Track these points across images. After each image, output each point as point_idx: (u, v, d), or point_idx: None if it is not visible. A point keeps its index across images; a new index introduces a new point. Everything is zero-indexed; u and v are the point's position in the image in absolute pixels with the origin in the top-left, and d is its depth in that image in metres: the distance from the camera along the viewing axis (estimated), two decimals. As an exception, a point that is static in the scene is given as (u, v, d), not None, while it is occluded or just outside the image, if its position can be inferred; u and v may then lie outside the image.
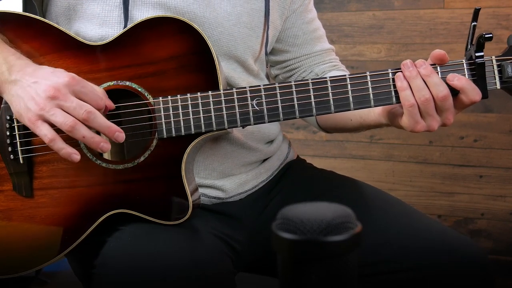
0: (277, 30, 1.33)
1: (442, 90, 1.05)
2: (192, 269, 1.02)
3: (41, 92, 1.01)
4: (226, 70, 1.21)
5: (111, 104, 1.07)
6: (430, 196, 2.41)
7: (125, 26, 1.15)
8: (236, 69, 1.25)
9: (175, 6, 1.17)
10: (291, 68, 1.40)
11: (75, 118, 1.01)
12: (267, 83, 1.35)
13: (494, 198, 2.32)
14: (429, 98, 1.05)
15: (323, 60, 1.40)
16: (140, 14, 1.16)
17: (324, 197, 1.26)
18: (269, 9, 1.26)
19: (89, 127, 1.03)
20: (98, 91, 1.05)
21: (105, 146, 1.03)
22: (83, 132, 1.02)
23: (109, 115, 1.14)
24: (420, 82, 1.06)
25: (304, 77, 1.39)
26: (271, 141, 1.35)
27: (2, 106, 1.11)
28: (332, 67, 1.40)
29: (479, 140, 2.31)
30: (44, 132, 1.02)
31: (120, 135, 1.04)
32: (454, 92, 1.06)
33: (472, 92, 1.05)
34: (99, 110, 1.04)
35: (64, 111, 1.01)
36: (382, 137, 2.45)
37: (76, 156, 1.03)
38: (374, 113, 1.19)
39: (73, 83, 1.02)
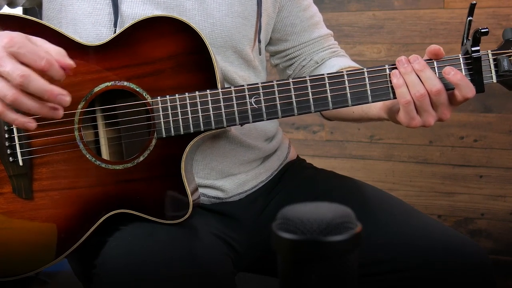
0: (271, 18, 1.33)
1: (435, 84, 1.06)
2: (192, 269, 1.03)
3: None
4: (222, 64, 1.21)
5: (65, 62, 0.96)
6: (430, 196, 2.41)
7: (115, 22, 1.15)
8: (233, 62, 1.25)
9: (164, 0, 1.17)
10: (291, 57, 1.40)
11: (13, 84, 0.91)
12: (264, 76, 1.35)
13: (494, 198, 2.32)
14: (423, 94, 1.06)
15: (322, 47, 1.40)
16: (130, 10, 1.16)
17: (324, 197, 1.26)
18: None
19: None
20: (36, 51, 0.93)
21: (54, 112, 0.95)
22: (27, 105, 0.93)
23: (107, 115, 1.14)
24: (414, 77, 1.06)
25: (304, 66, 1.39)
26: (270, 139, 1.35)
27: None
28: (332, 53, 1.40)
29: (479, 140, 2.31)
30: None
31: (63, 98, 0.94)
32: (449, 87, 1.07)
33: (465, 88, 1.06)
34: (41, 71, 0.93)
35: (4, 78, 0.92)
36: (382, 137, 2.45)
37: (31, 124, 0.96)
38: (375, 107, 1.20)
39: (10, 45, 0.91)
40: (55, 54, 0.95)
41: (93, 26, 1.17)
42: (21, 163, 1.11)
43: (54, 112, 0.96)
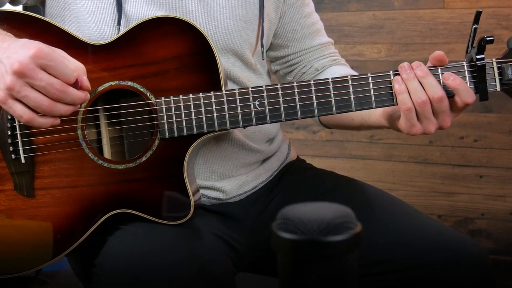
0: (273, 23, 1.33)
1: (437, 91, 1.05)
2: (193, 269, 1.03)
3: (8, 68, 0.95)
4: (224, 64, 1.21)
5: (83, 82, 1.00)
6: (430, 196, 2.41)
7: (118, 22, 1.15)
8: (234, 63, 1.25)
9: (168, 1, 1.18)
10: (291, 64, 1.40)
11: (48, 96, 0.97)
12: (266, 78, 1.35)
13: (494, 198, 2.32)
14: (425, 101, 1.05)
15: (323, 55, 1.40)
16: (133, 9, 1.16)
17: (324, 197, 1.26)
18: (263, 2, 1.26)
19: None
20: (67, 65, 0.97)
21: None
22: (60, 111, 0.98)
23: (111, 115, 1.14)
24: (416, 84, 1.06)
25: (304, 73, 1.39)
26: (271, 140, 1.35)
27: (3, 106, 1.11)
28: (332, 61, 1.40)
29: (479, 140, 2.32)
30: (19, 113, 0.97)
31: (88, 96, 1.02)
32: (451, 94, 1.07)
33: (465, 93, 1.05)
34: (71, 84, 0.98)
35: (35, 89, 0.96)
36: (382, 137, 2.45)
37: (57, 121, 1.01)
38: (376, 114, 1.19)
39: (41, 56, 0.94)
40: (76, 70, 0.99)
41: (96, 25, 1.17)
42: (23, 161, 1.11)
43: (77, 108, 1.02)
